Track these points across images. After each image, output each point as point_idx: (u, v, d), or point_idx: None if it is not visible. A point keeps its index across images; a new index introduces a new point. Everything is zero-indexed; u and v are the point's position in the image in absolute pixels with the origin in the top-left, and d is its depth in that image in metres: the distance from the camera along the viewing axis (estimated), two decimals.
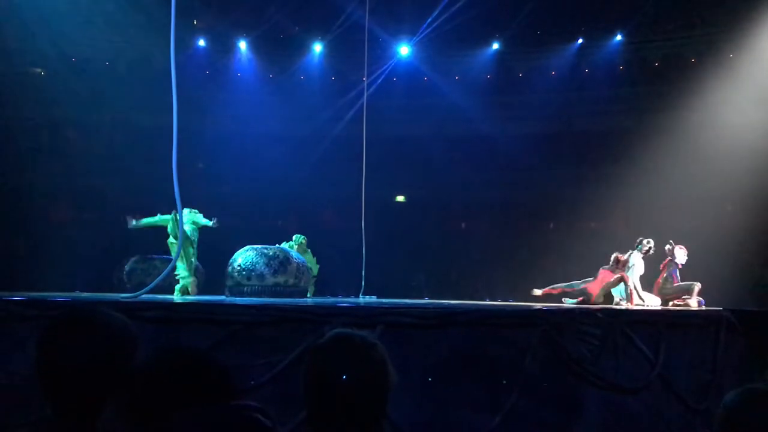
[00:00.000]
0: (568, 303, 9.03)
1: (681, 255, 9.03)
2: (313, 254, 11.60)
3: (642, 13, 15.81)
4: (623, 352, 6.37)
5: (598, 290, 9.04)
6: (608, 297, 9.14)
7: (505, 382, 5.89)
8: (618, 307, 8.53)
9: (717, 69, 15.06)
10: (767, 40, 14.64)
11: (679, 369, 6.60)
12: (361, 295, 10.16)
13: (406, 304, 7.02)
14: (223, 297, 8.59)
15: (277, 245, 9.58)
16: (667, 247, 9.12)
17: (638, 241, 9.16)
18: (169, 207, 6.97)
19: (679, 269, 9.01)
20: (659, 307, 8.46)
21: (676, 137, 14.52)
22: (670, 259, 9.04)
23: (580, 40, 16.82)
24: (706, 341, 6.88)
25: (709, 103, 14.68)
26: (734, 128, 14.35)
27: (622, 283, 8.97)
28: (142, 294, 6.07)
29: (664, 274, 9.07)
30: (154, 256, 11.74)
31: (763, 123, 14.02)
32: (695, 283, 8.80)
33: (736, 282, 11.01)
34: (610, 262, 9.08)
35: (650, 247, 9.09)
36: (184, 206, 6.28)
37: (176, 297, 8.05)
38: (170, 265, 6.03)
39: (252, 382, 5.25)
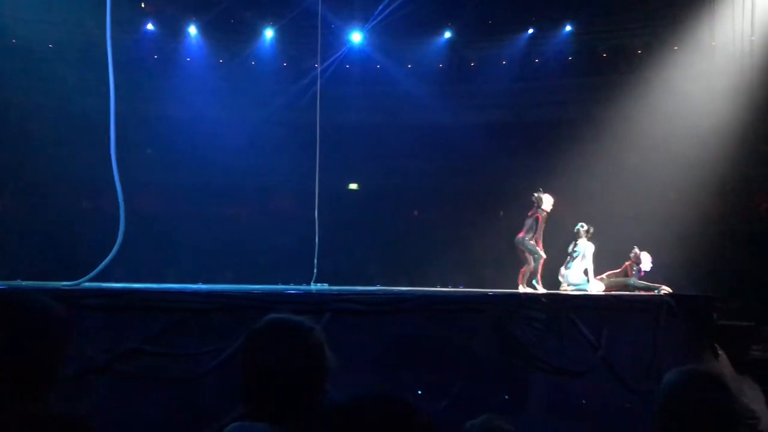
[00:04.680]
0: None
1: (646, 261, 9.22)
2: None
3: (591, 5, 16.08)
4: (568, 337, 6.53)
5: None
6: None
7: (453, 366, 5.99)
8: (563, 292, 8.71)
9: (662, 60, 15.44)
10: (709, 32, 15.08)
11: (621, 352, 6.79)
12: (312, 283, 10.12)
13: (354, 290, 7.04)
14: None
15: None
16: (633, 252, 9.29)
17: (577, 230, 9.32)
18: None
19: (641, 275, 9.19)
20: (602, 293, 8.66)
21: (622, 127, 14.85)
22: (632, 263, 9.22)
23: (531, 30, 17.01)
24: (647, 325, 7.08)
25: (655, 93, 15.03)
26: (679, 118, 14.75)
27: (567, 271, 9.16)
28: (84, 281, 5.94)
29: (619, 271, 9.27)
30: None
31: (706, 113, 14.42)
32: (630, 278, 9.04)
33: (677, 268, 11.36)
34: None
35: (588, 229, 9.27)
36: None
37: None
38: (111, 254, 5.88)
39: (199, 370, 5.22)
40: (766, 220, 15.94)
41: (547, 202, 8.97)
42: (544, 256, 8.95)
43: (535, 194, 9.06)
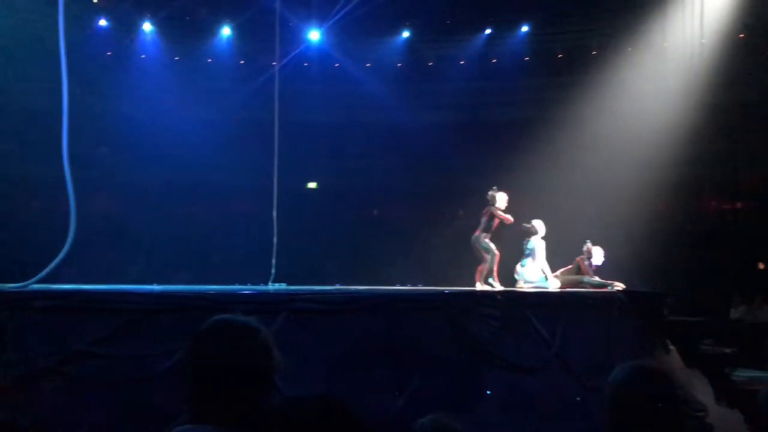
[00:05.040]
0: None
1: (598, 255, 9.35)
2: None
3: (547, 6, 16.30)
4: (522, 334, 6.60)
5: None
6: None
7: (410, 364, 6.01)
8: (517, 289, 8.79)
9: (617, 62, 15.74)
10: (661, 34, 15.44)
11: (575, 349, 6.88)
12: (270, 283, 10.04)
13: (311, 290, 7.00)
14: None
15: None
16: (585, 246, 9.41)
17: (529, 227, 9.43)
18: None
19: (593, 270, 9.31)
20: (557, 290, 8.77)
21: (578, 127, 15.08)
22: (584, 257, 9.34)
23: (488, 31, 17.16)
24: (599, 321, 7.19)
25: (609, 93, 15.32)
26: (633, 119, 15.04)
27: (523, 268, 9.26)
28: (32, 283, 5.78)
29: (571, 267, 9.40)
30: None
31: (658, 113, 14.75)
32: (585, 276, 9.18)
33: (630, 265, 11.57)
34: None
35: (538, 227, 9.38)
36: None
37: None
38: (61, 255, 5.74)
39: (151, 372, 5.13)
40: (715, 219, 16.40)
41: (501, 199, 9.07)
42: (497, 254, 9.04)
43: (489, 193, 9.16)
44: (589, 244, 9.40)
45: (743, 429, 6.18)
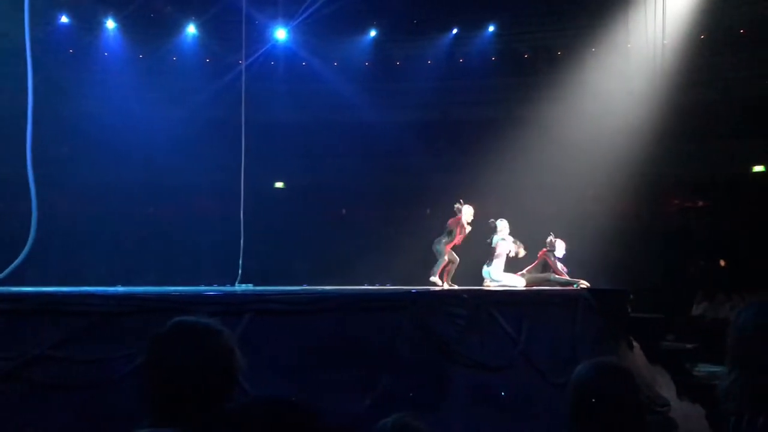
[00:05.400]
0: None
1: (560, 247, 9.43)
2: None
3: (512, 6, 16.44)
4: (488, 332, 6.62)
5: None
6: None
7: (377, 364, 5.99)
8: (484, 288, 8.85)
9: (581, 62, 15.94)
10: (624, 35, 15.69)
11: (541, 346, 6.91)
12: (237, 284, 9.96)
13: (276, 290, 6.95)
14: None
15: None
16: (549, 239, 9.49)
17: (493, 225, 9.49)
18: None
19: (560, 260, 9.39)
20: (522, 288, 8.84)
21: (543, 126, 15.24)
22: (548, 250, 9.40)
23: (455, 30, 17.25)
24: (565, 319, 7.25)
25: (574, 93, 15.50)
26: (597, 117, 15.25)
27: (489, 267, 9.31)
28: None
29: (536, 263, 9.47)
30: None
31: (622, 113, 14.97)
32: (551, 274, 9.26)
33: (594, 263, 11.71)
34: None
35: (503, 225, 9.45)
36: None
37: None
38: (21, 256, 5.61)
39: (112, 376, 5.04)
40: (678, 217, 16.71)
41: (468, 213, 9.17)
42: (446, 260, 9.16)
43: (456, 205, 9.23)
44: (551, 237, 9.49)
45: (704, 423, 6.31)
